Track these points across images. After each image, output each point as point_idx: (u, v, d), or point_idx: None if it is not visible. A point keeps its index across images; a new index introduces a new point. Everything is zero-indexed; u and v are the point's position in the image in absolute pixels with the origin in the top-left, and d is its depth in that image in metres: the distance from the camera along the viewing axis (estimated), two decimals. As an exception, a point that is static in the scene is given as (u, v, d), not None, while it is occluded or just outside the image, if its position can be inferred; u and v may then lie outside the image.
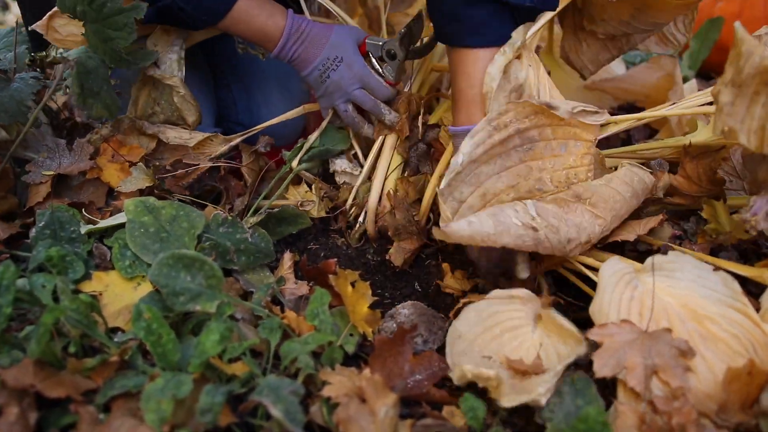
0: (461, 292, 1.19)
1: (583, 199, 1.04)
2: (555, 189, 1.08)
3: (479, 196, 1.06)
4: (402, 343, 0.97)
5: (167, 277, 0.96)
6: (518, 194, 1.07)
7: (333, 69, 1.30)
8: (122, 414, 0.81)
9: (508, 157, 1.06)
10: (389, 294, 1.19)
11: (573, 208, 1.03)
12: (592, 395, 0.88)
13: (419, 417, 0.91)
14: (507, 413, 0.94)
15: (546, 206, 1.01)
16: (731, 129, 0.93)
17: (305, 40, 1.29)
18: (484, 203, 1.06)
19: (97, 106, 1.33)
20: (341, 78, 1.30)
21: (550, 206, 1.01)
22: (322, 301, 1.00)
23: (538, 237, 0.98)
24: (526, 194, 1.08)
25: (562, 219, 1.01)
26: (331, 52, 1.29)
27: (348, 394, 0.86)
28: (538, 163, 1.08)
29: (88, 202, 1.30)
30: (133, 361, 0.90)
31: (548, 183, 1.08)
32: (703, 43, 2.44)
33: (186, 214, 1.11)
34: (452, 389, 0.99)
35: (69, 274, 1.01)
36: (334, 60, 1.29)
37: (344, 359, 1.00)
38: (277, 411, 0.78)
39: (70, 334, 0.93)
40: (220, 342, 0.85)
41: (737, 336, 0.89)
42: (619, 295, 0.94)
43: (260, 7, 1.27)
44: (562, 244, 1.01)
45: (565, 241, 1.01)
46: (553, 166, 1.08)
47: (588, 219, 1.03)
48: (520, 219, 0.97)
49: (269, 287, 1.06)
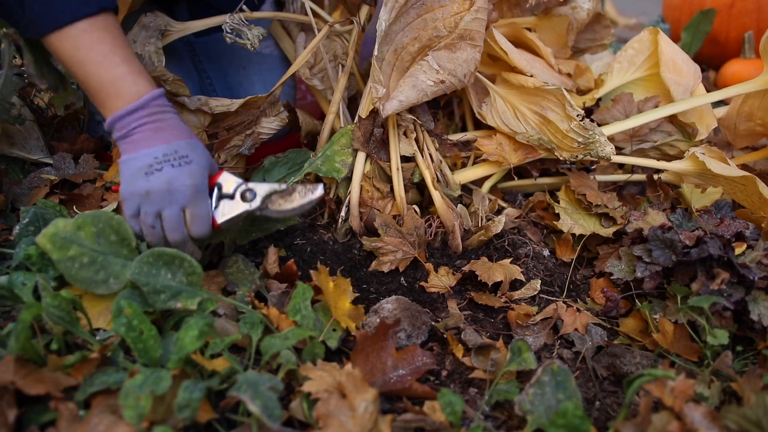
0: (447, 289, 1.19)
1: (464, 37, 1.25)
2: (448, 33, 1.25)
3: (392, 52, 1.24)
4: (385, 338, 0.97)
5: (147, 275, 0.95)
6: (421, 44, 1.25)
7: (173, 165, 1.03)
8: (102, 411, 0.81)
9: (408, 15, 1.23)
10: (374, 289, 1.19)
11: (459, 47, 1.25)
12: (571, 389, 0.88)
13: (400, 412, 0.91)
14: (489, 408, 0.94)
15: (441, 54, 1.24)
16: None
17: (163, 119, 1.08)
18: (396, 57, 1.25)
19: (52, 77, 1.33)
20: (175, 179, 1.03)
21: (443, 53, 1.25)
22: (304, 297, 1.00)
23: (446, 85, 1.26)
24: (427, 42, 1.25)
25: (454, 60, 1.25)
26: (183, 150, 1.05)
27: (328, 390, 0.86)
28: (431, 15, 1.23)
29: (86, 195, 1.32)
30: (114, 357, 0.90)
31: (443, 30, 1.24)
32: (695, 35, 2.44)
33: (105, 224, 1.01)
34: (436, 384, 1.00)
35: (49, 271, 1.01)
36: (182, 157, 1.04)
37: (328, 354, 1.01)
38: (255, 407, 0.78)
39: (53, 331, 0.93)
40: (199, 338, 0.85)
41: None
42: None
43: (117, 52, 1.06)
44: (461, 80, 1.27)
45: (462, 77, 1.27)
46: (443, 15, 1.24)
47: (470, 52, 1.26)
48: (430, 78, 1.24)
49: (252, 282, 1.06)
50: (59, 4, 1.03)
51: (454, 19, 1.23)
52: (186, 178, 1.03)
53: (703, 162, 1.31)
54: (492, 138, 1.42)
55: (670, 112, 1.47)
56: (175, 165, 1.03)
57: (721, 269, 1.10)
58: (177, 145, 1.05)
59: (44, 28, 1.04)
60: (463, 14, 1.23)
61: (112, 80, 1.05)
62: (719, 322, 1.08)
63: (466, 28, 1.24)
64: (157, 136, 1.05)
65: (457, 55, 1.25)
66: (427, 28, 1.24)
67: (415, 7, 1.22)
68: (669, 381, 0.87)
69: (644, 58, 1.66)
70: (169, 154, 1.03)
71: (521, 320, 1.12)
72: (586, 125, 1.30)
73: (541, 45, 1.55)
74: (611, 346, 1.09)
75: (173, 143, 1.04)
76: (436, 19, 1.24)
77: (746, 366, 1.05)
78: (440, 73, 1.25)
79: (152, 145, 1.04)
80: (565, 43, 1.67)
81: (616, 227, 1.31)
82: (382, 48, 1.23)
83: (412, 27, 1.24)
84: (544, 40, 1.63)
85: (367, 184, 1.29)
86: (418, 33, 1.24)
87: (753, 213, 1.35)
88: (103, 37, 1.05)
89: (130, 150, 1.05)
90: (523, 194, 1.54)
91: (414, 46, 1.25)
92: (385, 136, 1.32)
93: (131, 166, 1.04)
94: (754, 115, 1.56)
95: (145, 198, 1.02)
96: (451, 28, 1.24)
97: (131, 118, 1.05)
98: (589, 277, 1.30)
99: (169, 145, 1.04)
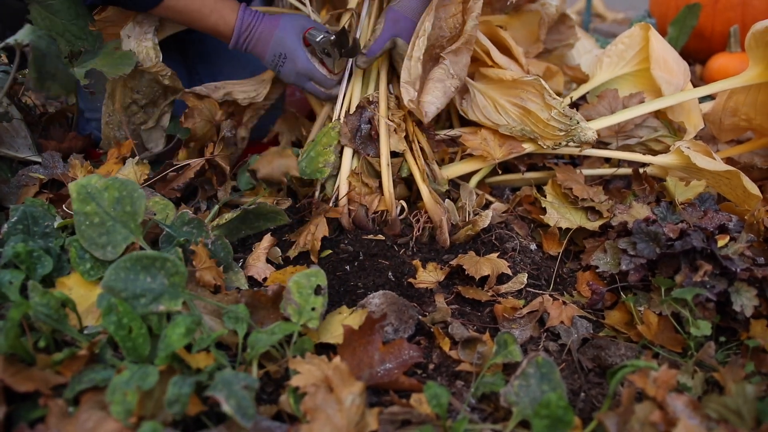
0: (435, 284, 1.20)
1: (468, 43, 1.32)
2: (450, 34, 1.34)
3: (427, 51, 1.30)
4: (372, 332, 0.98)
5: (125, 281, 0.93)
6: (430, 42, 1.31)
7: (281, 65, 1.38)
8: (91, 407, 0.82)
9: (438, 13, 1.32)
10: (362, 284, 1.20)
11: (461, 52, 1.32)
12: (556, 380, 0.89)
13: (387, 405, 0.92)
14: (475, 400, 0.95)
15: (451, 58, 1.31)
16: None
17: (253, 38, 1.36)
18: (429, 57, 1.32)
19: (55, 86, 1.34)
20: (290, 73, 1.39)
21: (452, 57, 1.32)
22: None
23: (456, 88, 1.34)
24: (435, 41, 1.33)
25: (458, 64, 1.32)
26: (276, 49, 1.36)
27: (316, 384, 0.87)
28: (437, 14, 1.31)
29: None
30: (102, 354, 0.91)
31: (446, 30, 1.32)
32: (681, 30, 2.45)
33: (129, 194, 1.06)
34: (422, 377, 1.01)
35: (38, 269, 1.02)
36: (279, 56, 1.37)
37: (318, 348, 1.02)
38: (228, 406, 0.78)
39: (41, 330, 0.93)
40: (186, 335, 0.86)
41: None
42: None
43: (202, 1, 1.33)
44: (462, 82, 1.35)
45: (462, 78, 1.35)
46: (444, 16, 1.32)
47: (467, 56, 1.34)
48: (453, 84, 1.32)
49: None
50: None
51: (452, 21, 1.31)
52: (292, 67, 1.38)
53: (689, 156, 1.33)
54: (477, 133, 1.43)
55: (657, 107, 1.49)
56: (281, 65, 1.38)
57: (704, 261, 1.11)
58: (272, 50, 1.37)
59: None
60: (458, 17, 1.31)
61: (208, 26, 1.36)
62: (702, 313, 1.09)
63: (470, 35, 1.31)
64: (259, 50, 1.38)
65: (460, 59, 1.32)
66: (436, 27, 1.31)
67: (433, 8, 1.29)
68: (652, 372, 0.88)
69: (634, 53, 1.68)
70: (275, 59, 1.38)
71: (508, 314, 1.13)
72: (566, 112, 1.32)
73: (514, 44, 1.57)
74: (597, 339, 1.10)
75: (269, 50, 1.37)
76: (441, 18, 1.31)
77: (729, 356, 1.06)
78: (454, 78, 1.32)
79: (263, 56, 1.39)
80: (537, 38, 1.69)
81: (602, 221, 1.33)
82: (418, 46, 1.28)
83: (434, 26, 1.30)
84: (516, 37, 1.65)
85: (354, 180, 1.30)
86: (435, 33, 1.31)
87: (737, 206, 1.36)
88: None
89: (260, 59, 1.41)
90: (510, 189, 1.56)
91: (434, 47, 1.32)
92: (373, 131, 1.33)
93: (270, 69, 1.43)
94: (739, 111, 1.58)
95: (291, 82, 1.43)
96: (452, 30, 1.30)
97: (238, 46, 1.38)
98: (575, 271, 1.31)
99: (268, 54, 1.37)
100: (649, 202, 1.39)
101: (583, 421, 0.92)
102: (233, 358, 0.97)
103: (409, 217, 1.32)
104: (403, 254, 1.27)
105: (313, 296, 1.01)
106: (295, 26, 1.36)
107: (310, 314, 0.99)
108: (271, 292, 1.04)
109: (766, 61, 1.40)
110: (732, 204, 1.38)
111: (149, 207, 1.21)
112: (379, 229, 1.32)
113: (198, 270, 1.08)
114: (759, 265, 1.12)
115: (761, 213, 1.25)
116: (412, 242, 1.29)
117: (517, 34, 1.70)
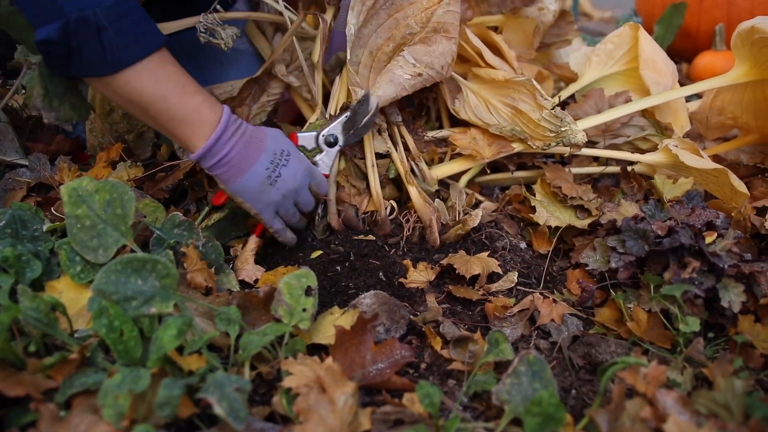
0: (426, 284, 1.20)
1: (438, 30, 1.27)
2: (421, 29, 1.27)
3: (368, 54, 1.27)
4: (363, 333, 0.99)
5: (116, 283, 0.93)
6: (395, 42, 1.27)
7: (284, 164, 1.16)
8: (83, 411, 0.81)
9: (378, 16, 1.25)
10: (353, 284, 1.20)
11: (434, 40, 1.28)
12: (547, 378, 0.90)
13: (380, 405, 0.92)
14: (467, 398, 0.96)
15: (417, 48, 1.27)
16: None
17: (244, 135, 1.14)
18: (372, 59, 1.27)
19: (65, 108, 1.32)
20: (295, 172, 1.17)
21: (419, 47, 1.27)
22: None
23: (424, 78, 1.29)
24: (401, 40, 1.27)
25: (431, 53, 1.28)
26: (276, 146, 1.16)
27: (308, 384, 0.87)
28: (402, 14, 1.26)
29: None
30: (93, 358, 0.90)
31: (415, 26, 1.27)
32: (668, 29, 2.47)
33: (119, 196, 1.05)
34: (414, 377, 1.01)
35: (27, 273, 1.01)
36: (282, 154, 1.16)
37: (310, 349, 1.02)
38: (220, 409, 0.78)
39: (31, 334, 0.93)
40: (177, 336, 0.86)
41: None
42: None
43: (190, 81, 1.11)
44: (439, 72, 1.30)
45: (440, 68, 1.30)
46: (413, 12, 1.26)
47: (446, 44, 1.28)
48: (407, 72, 1.27)
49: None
50: (132, 40, 1.04)
51: (425, 14, 1.26)
52: (298, 164, 1.17)
53: (677, 154, 1.34)
54: (466, 133, 1.43)
55: (644, 106, 1.50)
56: (285, 164, 1.15)
57: (692, 258, 1.12)
58: (271, 147, 1.14)
59: (124, 62, 1.04)
60: (433, 8, 1.25)
61: (194, 109, 1.09)
62: (691, 309, 1.10)
63: (439, 21, 1.26)
64: (252, 149, 1.13)
65: (433, 48, 1.28)
66: (400, 27, 1.26)
67: (385, 8, 1.24)
68: (642, 368, 0.89)
69: (623, 52, 1.69)
70: (275, 159, 1.14)
71: (499, 312, 1.14)
72: (557, 113, 1.32)
73: (506, 48, 1.57)
74: (587, 336, 1.11)
75: (268, 147, 1.14)
76: (408, 17, 1.26)
77: (717, 352, 1.07)
78: (417, 67, 1.27)
79: (255, 160, 1.12)
80: (530, 43, 1.70)
81: (591, 219, 1.34)
82: (355, 52, 1.25)
83: (384, 27, 1.25)
84: (511, 38, 1.66)
85: (343, 181, 1.31)
86: (391, 33, 1.26)
87: (725, 203, 1.38)
88: (176, 68, 1.10)
89: (236, 173, 1.12)
90: (500, 188, 1.56)
91: (389, 45, 1.27)
92: None
93: (251, 184, 1.13)
94: (725, 109, 1.60)
95: (282, 201, 1.18)
96: (424, 23, 1.26)
97: (221, 142, 1.10)
98: (565, 269, 1.32)
99: (267, 152, 1.13)
100: (637, 200, 1.40)
101: (575, 418, 0.93)
102: (225, 359, 0.97)
103: (399, 217, 1.33)
104: (393, 254, 1.28)
105: (304, 297, 1.01)
106: (279, 130, 1.22)
107: (301, 315, 0.99)
108: (263, 294, 1.04)
109: (752, 61, 1.41)
110: (719, 201, 1.39)
111: (139, 209, 1.21)
112: (369, 230, 1.32)
113: (189, 272, 1.08)
114: (746, 261, 1.13)
115: (748, 210, 1.27)
116: (403, 242, 1.30)
117: (512, 36, 1.71)
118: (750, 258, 1.15)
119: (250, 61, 1.60)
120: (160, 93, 1.07)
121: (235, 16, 1.41)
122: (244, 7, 1.56)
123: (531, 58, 1.73)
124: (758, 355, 1.03)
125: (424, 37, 1.27)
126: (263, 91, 1.48)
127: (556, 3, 1.67)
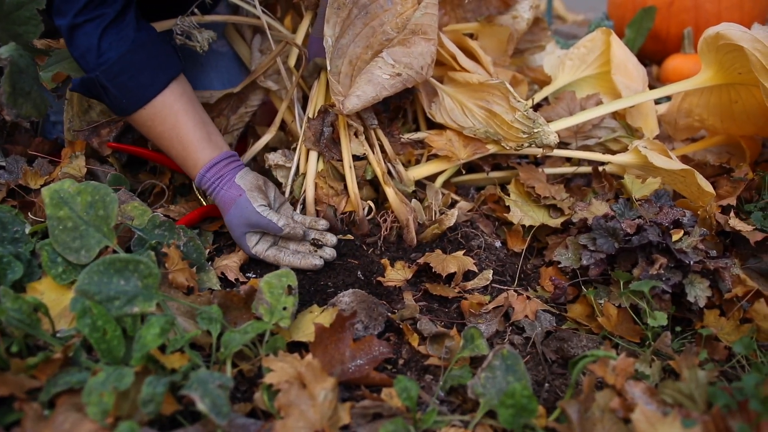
0: (403, 282, 1.23)
1: (416, 32, 1.30)
2: (398, 34, 1.30)
3: (347, 64, 1.29)
4: (342, 330, 1.01)
5: (99, 284, 0.94)
6: (374, 50, 1.30)
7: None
8: (67, 409, 0.83)
9: (354, 26, 1.28)
10: (332, 283, 1.22)
11: (413, 42, 1.30)
12: (521, 372, 0.93)
13: (359, 399, 0.95)
14: (444, 393, 0.98)
15: (396, 50, 1.30)
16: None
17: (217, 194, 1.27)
18: (352, 68, 1.30)
19: (27, 106, 1.33)
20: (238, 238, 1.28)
21: (398, 48, 1.30)
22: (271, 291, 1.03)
23: (403, 78, 1.31)
24: (379, 47, 1.30)
25: (409, 54, 1.30)
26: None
27: (289, 381, 0.89)
28: (377, 21, 1.29)
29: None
30: (76, 357, 0.91)
31: (391, 32, 1.30)
32: (638, 32, 2.53)
33: (101, 198, 1.07)
34: (393, 372, 1.04)
35: (8, 275, 1.02)
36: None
37: (290, 347, 1.04)
38: (203, 405, 0.80)
39: (14, 335, 0.94)
40: (160, 335, 0.87)
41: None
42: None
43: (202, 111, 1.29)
44: (419, 73, 1.32)
45: (420, 69, 1.32)
46: (389, 19, 1.29)
47: (425, 45, 1.31)
48: (386, 73, 1.29)
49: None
50: (128, 94, 1.21)
51: (400, 19, 1.29)
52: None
53: (646, 156, 1.38)
54: (442, 135, 1.46)
55: (614, 108, 1.54)
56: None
57: (660, 255, 1.16)
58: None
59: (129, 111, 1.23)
60: (407, 13, 1.28)
61: (184, 157, 1.26)
62: (659, 304, 1.14)
63: (417, 23, 1.29)
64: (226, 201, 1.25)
65: (412, 50, 1.30)
66: (377, 35, 1.29)
67: (360, 18, 1.27)
68: (611, 361, 0.92)
69: (595, 56, 1.74)
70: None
71: (474, 309, 1.17)
72: (530, 115, 1.36)
73: (482, 53, 1.61)
74: (559, 331, 1.14)
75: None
76: (384, 23, 1.28)
77: (684, 345, 1.11)
78: (396, 67, 1.29)
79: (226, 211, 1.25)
80: (505, 50, 1.74)
81: (564, 218, 1.37)
82: (335, 62, 1.28)
83: (361, 36, 1.28)
84: (486, 45, 1.69)
85: (321, 182, 1.33)
86: (368, 41, 1.29)
87: (692, 202, 1.42)
88: (191, 97, 1.27)
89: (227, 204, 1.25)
90: (475, 188, 1.59)
91: (367, 53, 1.30)
92: (336, 135, 1.36)
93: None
94: (692, 112, 1.65)
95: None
96: (400, 28, 1.28)
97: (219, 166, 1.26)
98: (538, 266, 1.35)
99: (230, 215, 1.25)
100: (607, 199, 1.44)
101: (548, 410, 0.96)
102: (207, 357, 0.99)
103: (376, 217, 1.35)
104: (371, 253, 1.30)
105: (284, 296, 1.03)
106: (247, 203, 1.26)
107: (281, 313, 1.01)
108: (243, 293, 1.06)
109: (717, 65, 1.46)
110: (687, 200, 1.44)
111: (127, 212, 1.22)
112: (347, 230, 1.34)
113: (171, 272, 1.10)
114: (711, 258, 1.17)
115: (713, 208, 1.31)
116: (380, 242, 1.32)
117: (487, 43, 1.75)
118: (715, 255, 1.19)
119: (229, 63, 1.62)
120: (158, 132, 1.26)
121: (212, 20, 1.43)
122: (225, 10, 1.57)
123: (506, 64, 1.76)
124: (722, 348, 1.08)
125: (402, 39, 1.30)
126: (242, 102, 1.51)
127: (530, 11, 1.71)
